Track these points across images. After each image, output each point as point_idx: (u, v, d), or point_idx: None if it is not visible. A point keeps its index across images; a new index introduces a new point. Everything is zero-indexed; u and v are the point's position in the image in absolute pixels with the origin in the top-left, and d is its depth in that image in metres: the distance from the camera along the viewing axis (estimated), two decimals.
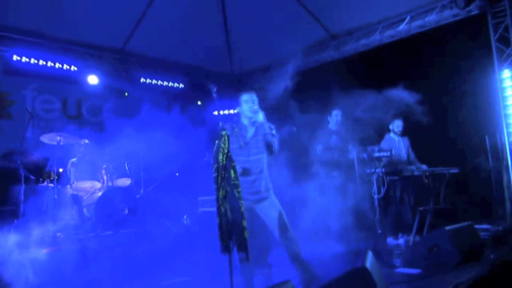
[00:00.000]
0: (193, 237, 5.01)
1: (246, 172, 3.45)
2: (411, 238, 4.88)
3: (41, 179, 5.00)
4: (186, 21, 7.31)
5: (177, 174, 6.17)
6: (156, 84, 8.07)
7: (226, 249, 2.83)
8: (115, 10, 6.66)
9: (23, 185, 4.72)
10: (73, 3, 6.21)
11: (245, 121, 3.55)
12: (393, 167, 4.97)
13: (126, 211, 4.94)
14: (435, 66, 6.45)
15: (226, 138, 2.87)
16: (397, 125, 5.92)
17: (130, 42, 7.44)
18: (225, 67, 9.06)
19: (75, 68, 6.98)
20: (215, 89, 3.32)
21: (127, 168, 5.43)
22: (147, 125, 5.64)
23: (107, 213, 4.75)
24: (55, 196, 4.78)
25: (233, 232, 2.83)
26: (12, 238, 4.09)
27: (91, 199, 5.03)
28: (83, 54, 7.05)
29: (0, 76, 6.55)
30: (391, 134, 5.90)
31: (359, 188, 4.71)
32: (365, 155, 4.73)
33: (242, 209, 2.84)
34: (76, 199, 4.54)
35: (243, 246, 2.83)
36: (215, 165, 2.88)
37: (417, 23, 6.60)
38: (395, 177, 5.03)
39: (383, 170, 4.75)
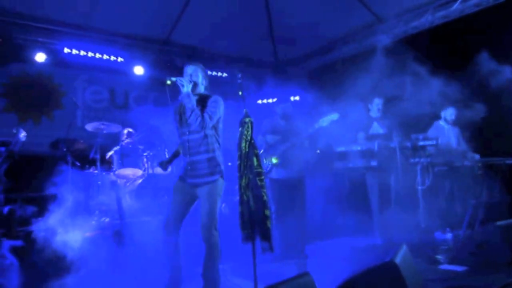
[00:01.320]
0: (229, 225, 5.00)
1: (186, 151, 3.31)
2: (460, 233, 4.54)
3: (86, 166, 5.22)
4: (228, 10, 7.26)
5: (229, 164, 6.14)
6: None
7: (247, 238, 2.77)
8: (159, 1, 6.76)
9: (70, 172, 4.94)
10: None
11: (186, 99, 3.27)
12: (441, 157, 4.64)
13: (164, 199, 5.02)
14: (492, 49, 5.94)
15: (249, 125, 2.80)
16: (450, 113, 5.55)
17: (174, 32, 7.54)
18: (270, 55, 8.95)
19: (122, 59, 7.20)
20: (239, 76, 3.19)
21: (167, 156, 5.51)
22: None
23: (146, 200, 4.88)
24: (99, 182, 4.96)
25: (256, 221, 2.75)
26: (59, 222, 4.30)
27: (133, 186, 5.18)
28: (129, 46, 7.23)
29: (52, 68, 6.88)
30: (441, 122, 5.52)
31: (400, 178, 4.45)
32: (408, 144, 4.45)
33: (265, 197, 2.76)
34: (115, 186, 4.67)
35: (266, 236, 2.76)
36: (238, 153, 2.81)
37: (473, 1, 6.09)
38: (444, 168, 4.70)
39: (428, 159, 4.44)
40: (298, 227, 4.72)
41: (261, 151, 4.83)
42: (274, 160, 4.70)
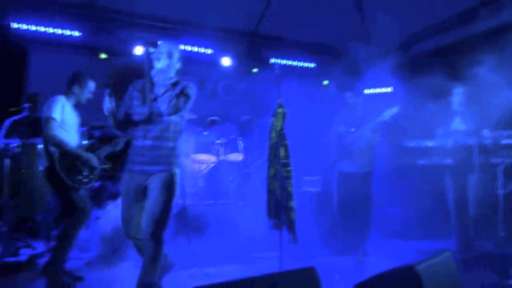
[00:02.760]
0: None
1: (145, 135, 2.90)
2: None
3: None
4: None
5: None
6: (286, 64, 8.20)
7: (275, 226, 2.80)
8: None
9: None
10: None
11: (152, 74, 2.98)
12: None
13: (231, 185, 5.25)
14: None
15: (280, 116, 2.80)
16: None
17: (261, 23, 7.70)
18: (362, 45, 8.58)
19: (211, 51, 7.61)
20: (277, 66, 3.18)
21: (240, 144, 5.73)
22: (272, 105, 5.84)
23: (213, 184, 5.17)
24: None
25: (281, 211, 2.76)
26: None
27: (205, 170, 5.51)
28: (218, 38, 7.59)
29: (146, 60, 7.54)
30: None
31: (478, 180, 3.99)
32: (489, 142, 3.96)
33: (289, 188, 2.75)
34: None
35: (290, 227, 2.75)
36: (269, 143, 2.84)
37: None
38: None
39: None
40: (361, 223, 4.56)
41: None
42: None
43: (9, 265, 3.98)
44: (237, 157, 5.71)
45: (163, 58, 2.98)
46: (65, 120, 3.52)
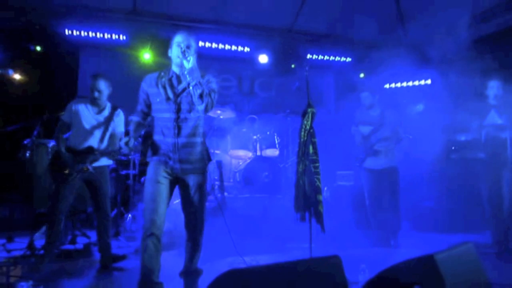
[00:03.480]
0: (328, 209, 5.21)
1: (168, 133, 2.87)
2: None
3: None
4: None
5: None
6: (322, 60, 8.30)
7: (302, 218, 3.00)
8: None
9: None
10: None
11: (176, 69, 2.93)
12: None
13: (266, 179, 5.49)
14: None
15: (310, 115, 2.98)
16: None
17: (297, 21, 7.83)
18: (398, 38, 8.52)
19: (248, 49, 7.85)
20: (307, 68, 3.34)
21: (277, 140, 5.95)
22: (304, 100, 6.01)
23: (250, 178, 5.42)
24: (214, 160, 5.69)
25: (310, 204, 2.96)
26: None
27: (243, 165, 5.78)
28: (255, 36, 7.82)
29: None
30: None
31: (509, 174, 4.00)
32: None
33: (318, 183, 2.94)
34: (220, 164, 5.29)
35: (318, 219, 2.95)
36: (299, 141, 3.04)
37: None
38: None
39: None
40: (390, 217, 4.67)
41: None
42: None
43: (68, 252, 4.45)
44: (273, 152, 5.94)
45: (193, 53, 2.89)
46: (74, 122, 3.81)
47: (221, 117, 5.81)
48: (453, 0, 7.00)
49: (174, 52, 2.90)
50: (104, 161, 3.95)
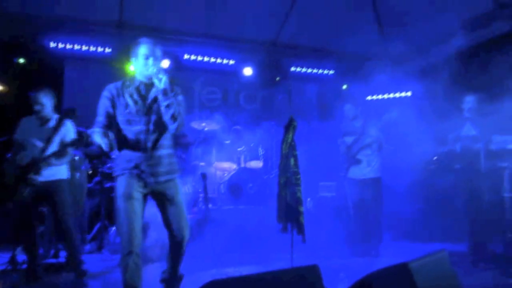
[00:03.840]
0: (311, 220, 5.30)
1: (139, 145, 2.77)
2: None
3: (192, 158, 6.06)
4: (333, 6, 7.40)
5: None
6: (306, 72, 8.46)
7: (284, 229, 3.07)
8: (268, 5, 7.25)
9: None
10: (231, 4, 7.05)
11: (142, 77, 2.83)
12: None
13: (250, 191, 5.55)
14: None
15: (292, 128, 3.07)
16: None
17: (282, 33, 7.98)
18: (379, 51, 8.74)
19: (233, 62, 7.96)
20: (289, 84, 3.43)
21: (260, 152, 6.04)
22: (288, 112, 6.12)
23: (234, 191, 5.49)
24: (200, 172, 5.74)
25: (292, 215, 3.04)
26: None
27: (227, 177, 5.84)
28: (240, 49, 7.93)
29: (174, 72, 7.96)
30: None
31: (483, 184, 4.15)
32: (494, 146, 4.12)
33: (299, 194, 3.02)
34: (204, 176, 5.34)
35: (299, 229, 3.02)
36: (280, 153, 3.12)
37: None
38: None
39: None
40: (372, 226, 4.79)
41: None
42: None
43: (50, 266, 4.42)
44: (257, 164, 6.01)
45: (159, 61, 2.83)
46: (19, 139, 3.86)
47: (206, 129, 5.88)
48: (432, 14, 7.21)
49: (140, 63, 2.79)
50: (59, 175, 3.88)
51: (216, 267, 4.14)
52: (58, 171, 3.87)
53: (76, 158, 4.73)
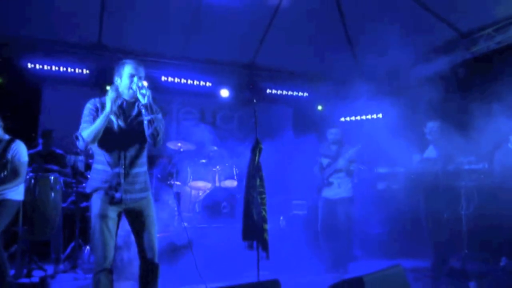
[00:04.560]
0: (284, 237, 5.47)
1: (116, 162, 2.83)
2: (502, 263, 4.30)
3: (166, 178, 6.17)
4: (308, 32, 7.71)
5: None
6: (281, 94, 8.74)
7: (249, 246, 3.23)
8: (243, 29, 7.51)
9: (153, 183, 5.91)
10: (207, 27, 7.29)
11: (125, 95, 2.91)
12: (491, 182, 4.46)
13: (224, 209, 5.70)
14: None
15: (258, 151, 3.26)
16: None
17: (257, 56, 8.25)
18: (352, 74, 9.09)
19: (210, 84, 8.19)
20: (255, 108, 3.63)
21: (235, 171, 6.20)
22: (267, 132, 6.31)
23: (208, 209, 5.63)
24: (175, 191, 5.87)
25: (256, 233, 3.20)
26: None
27: (202, 196, 5.97)
28: (216, 71, 8.16)
29: (153, 93, 8.10)
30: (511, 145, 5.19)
31: (442, 202, 4.41)
32: (451, 167, 4.41)
33: (263, 213, 3.19)
34: (176, 196, 5.47)
35: (264, 246, 3.18)
36: (247, 174, 3.30)
37: None
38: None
39: (474, 183, 4.33)
40: (342, 244, 4.98)
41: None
42: None
43: (23, 286, 4.43)
44: (231, 183, 6.17)
45: (142, 79, 2.91)
46: None
47: (182, 149, 6.02)
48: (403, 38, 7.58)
49: (125, 82, 2.87)
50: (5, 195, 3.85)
51: (189, 284, 4.24)
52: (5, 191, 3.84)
53: (51, 178, 4.79)
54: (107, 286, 2.78)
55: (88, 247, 5.21)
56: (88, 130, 2.78)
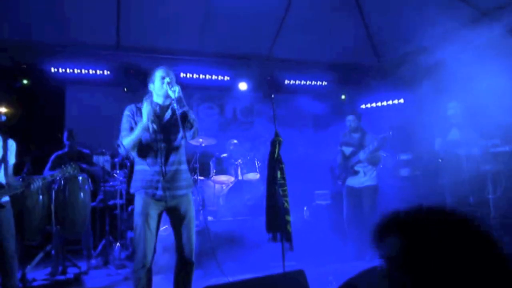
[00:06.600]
0: (308, 227, 5.51)
1: (155, 162, 3.00)
2: None
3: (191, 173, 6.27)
4: (323, 19, 7.63)
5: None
6: (299, 84, 8.70)
7: (273, 238, 3.27)
8: (258, 21, 7.50)
9: None
10: (222, 22, 7.32)
11: (159, 100, 3.13)
12: None
13: (248, 202, 5.76)
14: None
15: (277, 144, 3.29)
16: None
17: (274, 47, 8.23)
18: (370, 59, 8.97)
19: (228, 78, 8.23)
20: (273, 96, 3.65)
21: (257, 164, 6.25)
22: (287, 123, 6.32)
23: (232, 203, 5.70)
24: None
25: (280, 225, 3.24)
26: None
27: (226, 190, 6.05)
28: (234, 65, 8.19)
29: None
30: None
31: (467, 187, 4.34)
32: (477, 151, 4.32)
33: (286, 205, 3.22)
34: (202, 190, 5.55)
35: (288, 238, 3.22)
36: (268, 166, 3.33)
37: None
38: None
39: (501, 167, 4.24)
40: (367, 232, 4.96)
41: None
42: None
43: (59, 283, 4.63)
44: (254, 176, 6.22)
45: (173, 80, 3.08)
46: None
47: (203, 144, 6.10)
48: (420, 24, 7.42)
49: (157, 85, 3.07)
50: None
51: (216, 277, 4.34)
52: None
53: (80, 178, 4.94)
54: (146, 285, 2.94)
55: (118, 244, 5.37)
56: (128, 139, 3.02)
